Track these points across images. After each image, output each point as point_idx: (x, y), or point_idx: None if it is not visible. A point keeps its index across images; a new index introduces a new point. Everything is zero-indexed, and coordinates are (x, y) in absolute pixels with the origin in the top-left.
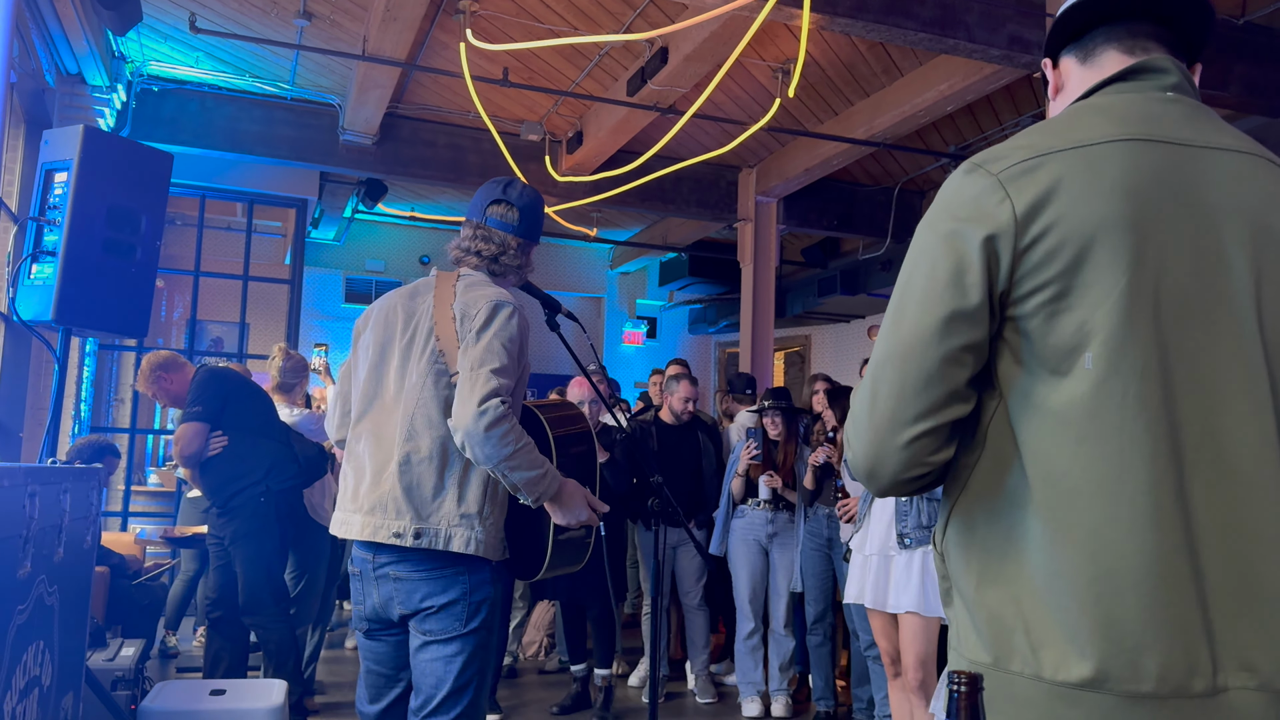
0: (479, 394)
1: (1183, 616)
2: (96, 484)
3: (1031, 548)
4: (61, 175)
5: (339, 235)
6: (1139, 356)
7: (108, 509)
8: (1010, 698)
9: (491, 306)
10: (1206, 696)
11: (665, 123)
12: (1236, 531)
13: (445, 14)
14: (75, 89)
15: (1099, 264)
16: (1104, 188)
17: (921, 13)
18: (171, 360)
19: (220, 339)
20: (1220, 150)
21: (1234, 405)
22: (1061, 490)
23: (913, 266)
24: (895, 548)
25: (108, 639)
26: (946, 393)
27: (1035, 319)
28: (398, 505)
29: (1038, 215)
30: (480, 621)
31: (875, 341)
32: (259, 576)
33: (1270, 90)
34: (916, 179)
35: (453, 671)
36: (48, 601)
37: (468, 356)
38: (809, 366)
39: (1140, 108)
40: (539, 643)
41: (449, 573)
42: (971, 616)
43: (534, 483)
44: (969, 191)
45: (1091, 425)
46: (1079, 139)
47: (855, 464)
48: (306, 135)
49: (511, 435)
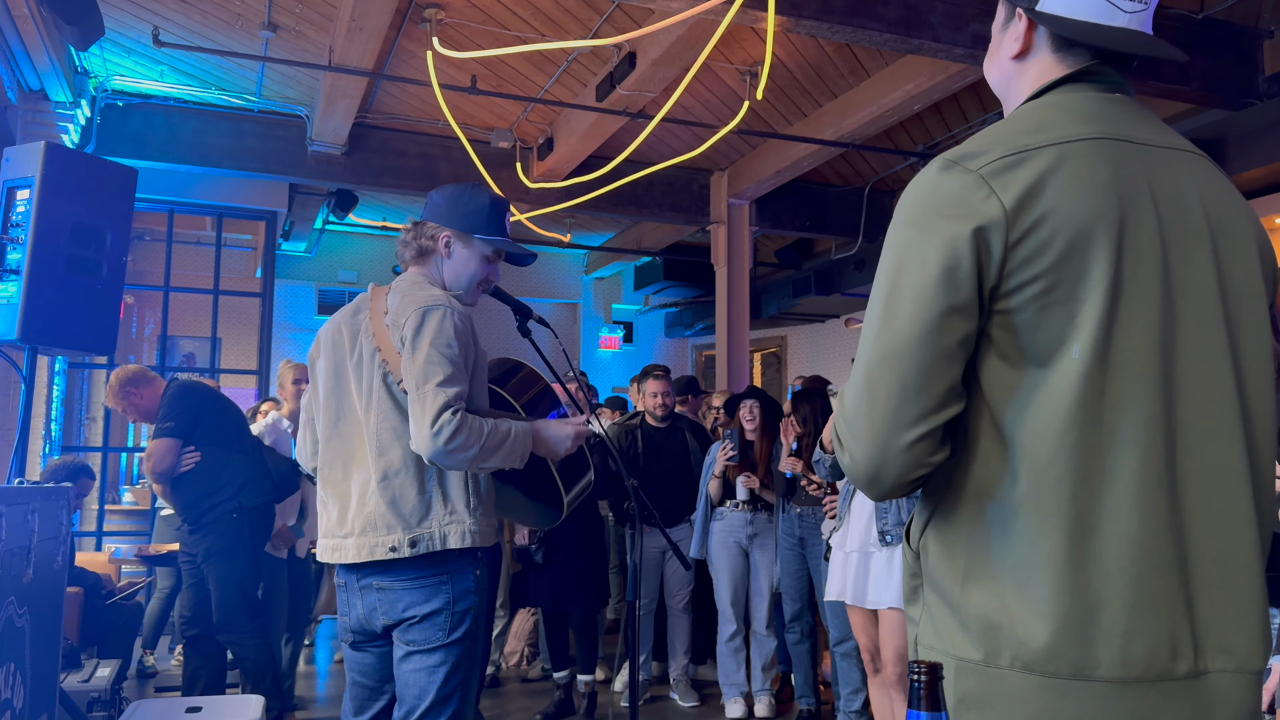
0: (429, 415)
1: (1166, 599)
2: (66, 504)
3: (1018, 540)
4: (24, 193)
5: (310, 247)
6: (1127, 348)
7: (82, 529)
8: (1002, 692)
9: (420, 314)
10: (1189, 679)
11: (635, 127)
12: (1219, 515)
13: (411, 22)
14: (38, 105)
15: (1087, 257)
16: (1088, 183)
17: (886, 13)
18: (141, 374)
19: (192, 354)
20: (1169, 149)
21: (1212, 390)
22: (1048, 480)
23: (898, 264)
24: (876, 544)
25: (83, 660)
26: (946, 389)
27: (1024, 312)
28: (387, 521)
29: (1027, 209)
30: (464, 631)
31: (861, 343)
32: (232, 594)
33: (1229, 83)
34: (886, 179)
35: (435, 682)
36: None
37: (410, 374)
38: (786, 367)
39: (1096, 107)
40: (520, 651)
41: (431, 582)
42: (956, 614)
43: (508, 455)
44: (950, 188)
45: (1077, 414)
46: (1054, 136)
47: (854, 470)
48: (275, 147)
49: (471, 437)
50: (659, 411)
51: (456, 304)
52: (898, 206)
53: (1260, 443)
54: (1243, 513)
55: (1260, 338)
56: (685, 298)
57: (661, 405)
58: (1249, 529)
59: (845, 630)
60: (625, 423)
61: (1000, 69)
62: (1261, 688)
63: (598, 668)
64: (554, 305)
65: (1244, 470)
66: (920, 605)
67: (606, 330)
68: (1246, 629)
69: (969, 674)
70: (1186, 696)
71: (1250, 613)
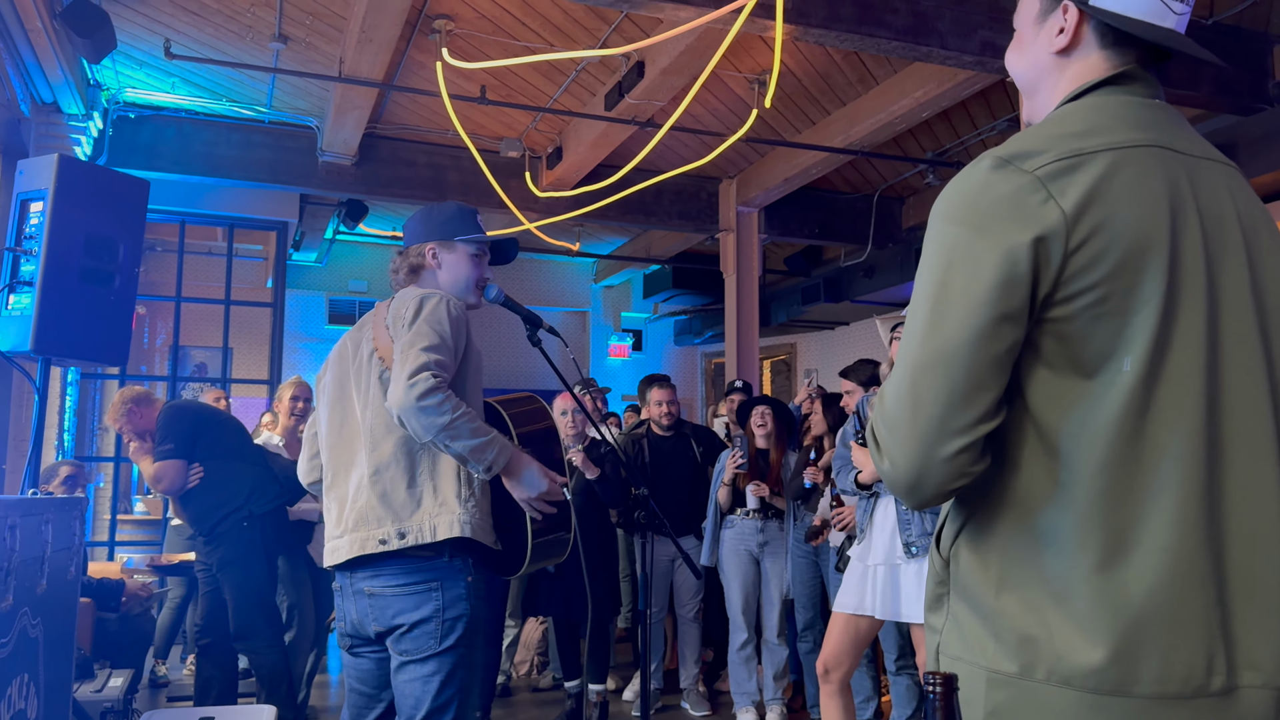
0: (408, 369)
1: (1204, 615)
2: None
3: (1058, 552)
4: (37, 205)
5: (321, 257)
6: (1177, 362)
7: (94, 539)
8: (1037, 706)
9: (418, 300)
10: (1222, 695)
11: (644, 136)
12: (1255, 530)
13: (421, 34)
14: (51, 118)
15: (1141, 269)
16: (1143, 192)
17: (894, 21)
18: (145, 395)
19: (204, 364)
20: (1208, 160)
21: (1251, 406)
22: (1092, 492)
23: (947, 265)
24: (902, 557)
25: (96, 670)
26: (994, 399)
27: (1076, 322)
28: (378, 514)
29: (1085, 216)
30: (456, 639)
31: (904, 344)
32: (249, 601)
33: (1239, 89)
34: (895, 185)
35: (430, 691)
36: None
37: (399, 345)
38: (795, 375)
39: (1142, 113)
40: (531, 661)
41: (420, 589)
42: (989, 624)
43: (479, 450)
44: (1002, 189)
45: (1124, 428)
46: (1108, 142)
47: (894, 477)
48: (285, 158)
49: (448, 404)
50: (664, 420)
51: (455, 298)
52: (942, 202)
53: None
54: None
55: None
56: (694, 305)
57: (667, 414)
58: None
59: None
60: (631, 432)
61: (1037, 62)
62: None
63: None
64: (563, 313)
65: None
66: (944, 614)
67: (616, 338)
68: (1274, 644)
69: (1002, 686)
70: (1218, 713)
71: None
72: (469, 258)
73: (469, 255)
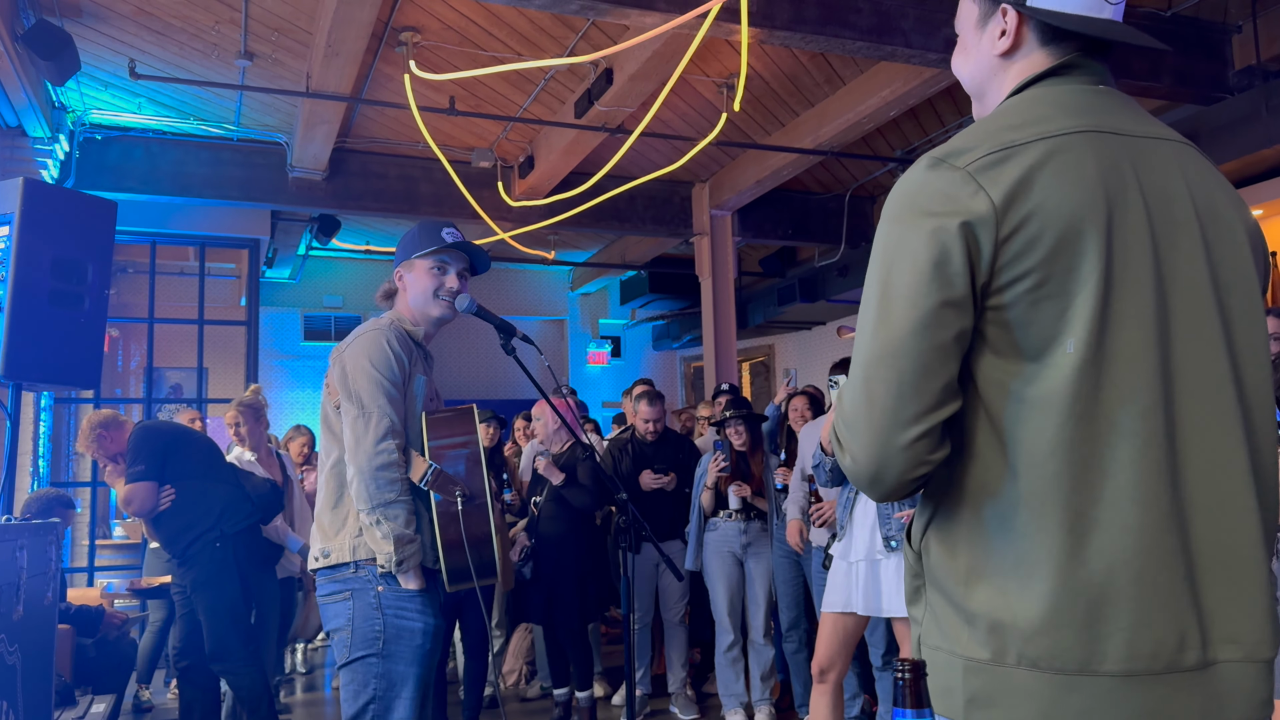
0: (374, 433)
1: (1171, 591)
2: (55, 539)
3: (1019, 537)
4: (3, 229)
5: (294, 273)
6: (1122, 340)
7: (73, 564)
8: (1011, 690)
9: (355, 339)
10: (1198, 670)
11: (615, 143)
12: (1221, 505)
13: (388, 46)
14: (16, 141)
15: (1077, 251)
16: (1076, 177)
17: (858, 21)
18: (113, 419)
19: (179, 385)
20: (1156, 139)
21: (1210, 380)
22: (1046, 475)
23: (889, 262)
24: (882, 552)
25: (77, 696)
26: (943, 386)
27: (1016, 308)
28: (318, 533)
29: (1015, 204)
30: (370, 650)
31: (856, 344)
32: (223, 622)
33: (1200, 80)
34: (866, 184)
35: (348, 698)
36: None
37: (347, 387)
38: (775, 376)
39: (1082, 100)
40: (519, 670)
41: (337, 598)
42: (961, 613)
43: (401, 543)
44: (937, 185)
45: (1074, 408)
46: (1041, 131)
47: (856, 471)
48: (255, 175)
49: (398, 485)
50: (650, 437)
51: (390, 329)
52: (885, 206)
53: (1260, 431)
54: (1245, 502)
55: (1254, 325)
56: (672, 310)
57: (653, 431)
58: (1252, 518)
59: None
60: (617, 438)
61: (981, 66)
62: (1272, 676)
63: (596, 683)
64: (541, 322)
65: (1244, 459)
66: (923, 605)
67: (594, 345)
68: (1253, 618)
69: (977, 673)
70: (1196, 688)
71: (1257, 601)
72: (426, 272)
73: (426, 270)
